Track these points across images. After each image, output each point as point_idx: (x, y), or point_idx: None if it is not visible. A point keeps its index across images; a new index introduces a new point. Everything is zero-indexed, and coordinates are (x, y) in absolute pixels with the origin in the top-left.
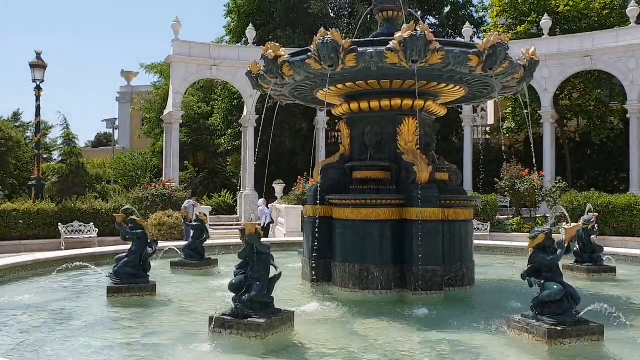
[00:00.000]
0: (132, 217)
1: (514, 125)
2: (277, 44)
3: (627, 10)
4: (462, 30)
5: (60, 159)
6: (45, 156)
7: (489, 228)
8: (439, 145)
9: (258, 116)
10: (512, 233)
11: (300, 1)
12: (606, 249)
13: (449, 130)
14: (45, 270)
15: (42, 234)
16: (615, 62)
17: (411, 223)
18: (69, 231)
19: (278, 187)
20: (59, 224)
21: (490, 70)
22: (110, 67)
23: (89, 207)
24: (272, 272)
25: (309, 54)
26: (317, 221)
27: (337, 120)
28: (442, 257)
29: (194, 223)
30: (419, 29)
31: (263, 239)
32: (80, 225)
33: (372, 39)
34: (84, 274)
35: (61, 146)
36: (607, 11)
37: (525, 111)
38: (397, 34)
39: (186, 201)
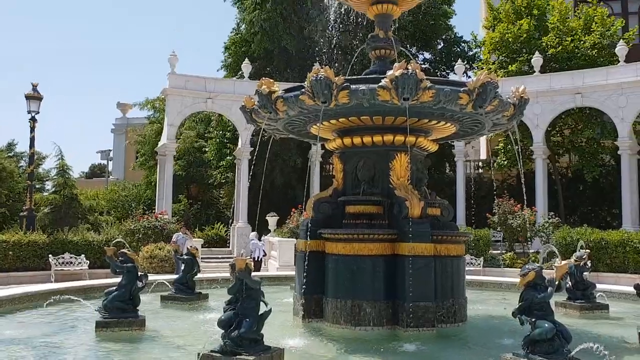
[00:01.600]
0: (123, 250)
1: (506, 161)
2: (271, 80)
3: (616, 49)
4: (455, 66)
5: (53, 189)
6: (38, 186)
7: (482, 263)
8: (432, 179)
9: (252, 149)
10: (505, 268)
11: (295, 37)
12: (599, 286)
13: (442, 164)
14: (33, 304)
15: (32, 265)
16: (605, 99)
17: (403, 258)
18: (59, 263)
19: (271, 220)
20: (50, 255)
21: (480, 108)
22: (106, 99)
23: (80, 238)
24: (263, 308)
25: (303, 90)
26: (309, 256)
27: (331, 154)
28: (434, 293)
29: (184, 256)
30: (410, 67)
31: (255, 273)
32: (71, 257)
33: (364, 76)
34: (73, 308)
35: (55, 177)
36: (595, 51)
37: (516, 147)
38: (389, 72)
39: (175, 234)
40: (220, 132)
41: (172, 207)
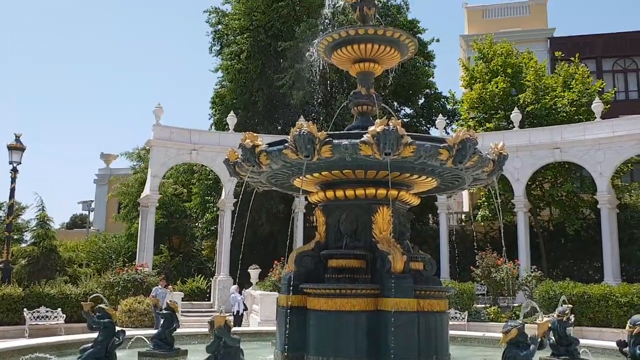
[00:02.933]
0: (101, 305)
1: (488, 214)
2: (255, 134)
3: (593, 106)
4: (436, 121)
5: (32, 241)
6: (16, 237)
7: (466, 317)
8: (415, 231)
9: (236, 200)
10: (490, 322)
11: (281, 93)
12: (583, 341)
13: (426, 217)
14: None
15: (6, 319)
16: (583, 154)
17: (386, 314)
18: (34, 317)
19: (253, 273)
20: (25, 309)
21: (460, 163)
22: (90, 149)
23: (57, 291)
24: None
25: (286, 144)
26: (291, 311)
27: (314, 206)
28: (417, 350)
29: (164, 311)
30: (391, 123)
31: (235, 328)
32: (47, 311)
33: (347, 131)
34: None
35: (35, 228)
36: (574, 108)
37: (498, 201)
38: (371, 128)
39: (155, 288)
40: (204, 183)
41: (153, 259)
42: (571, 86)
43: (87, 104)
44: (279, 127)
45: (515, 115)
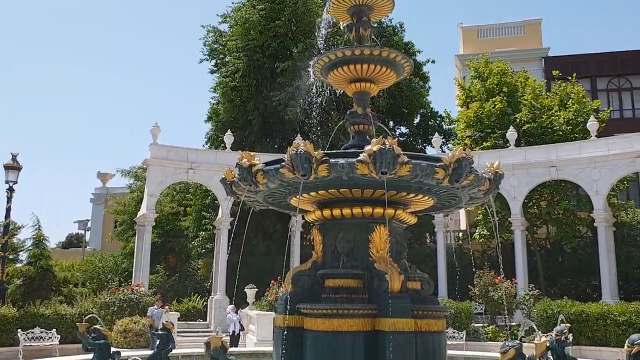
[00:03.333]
0: (96, 326)
1: (486, 232)
2: (252, 153)
3: (588, 124)
4: (432, 139)
5: (28, 261)
6: (11, 257)
7: (464, 337)
8: (413, 250)
9: (232, 218)
10: (488, 342)
11: (277, 111)
12: None
13: (423, 235)
14: None
15: (0, 341)
16: (579, 172)
17: (384, 334)
18: (28, 338)
19: (250, 292)
20: (19, 330)
21: (456, 182)
22: (87, 168)
23: (52, 312)
24: None
25: (283, 163)
26: (288, 332)
27: (311, 225)
28: None
29: (159, 331)
30: (387, 142)
31: (232, 349)
32: (42, 332)
33: (343, 150)
34: None
35: (30, 248)
36: (570, 127)
37: (495, 219)
38: (367, 147)
39: (150, 308)
40: (200, 202)
41: (150, 278)
42: (567, 105)
43: (84, 122)
44: (276, 146)
45: (511, 134)
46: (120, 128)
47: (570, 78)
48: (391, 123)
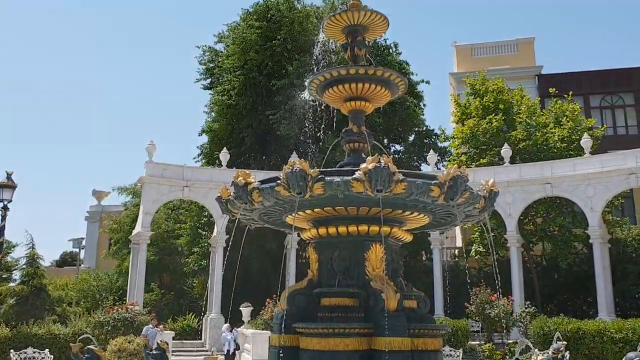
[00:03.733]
0: (89, 346)
1: (482, 249)
2: (247, 171)
3: (581, 141)
4: (427, 157)
5: (21, 280)
6: (5, 276)
7: (461, 355)
8: (409, 267)
9: (228, 236)
10: None
11: (273, 129)
12: None
13: (419, 252)
14: None
15: None
16: (574, 189)
17: (380, 354)
18: (21, 358)
19: (245, 311)
20: (12, 350)
21: (451, 200)
22: (81, 186)
23: (45, 331)
24: None
25: (278, 181)
26: (283, 352)
27: (307, 242)
28: None
29: (154, 351)
30: (382, 160)
31: None
32: (35, 352)
33: (339, 168)
34: None
35: (24, 266)
36: (565, 144)
37: (491, 234)
38: (363, 165)
39: (145, 327)
40: (195, 219)
41: (144, 296)
42: (562, 123)
43: (80, 140)
44: (272, 162)
45: (506, 151)
46: (115, 145)
47: (566, 95)
48: (386, 141)
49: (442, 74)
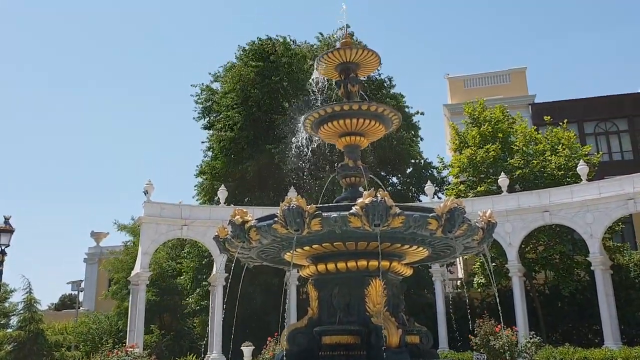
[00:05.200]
0: None
1: (484, 280)
2: (244, 209)
3: (578, 168)
4: (425, 187)
5: (18, 325)
6: (2, 322)
7: None
8: (411, 300)
9: (227, 274)
10: None
11: (272, 164)
12: None
13: (421, 286)
14: None
15: None
16: (573, 216)
17: None
18: None
19: (246, 350)
20: None
21: (449, 232)
22: (79, 228)
23: None
24: None
25: (275, 219)
26: None
27: (307, 279)
28: None
29: None
30: (379, 195)
31: None
32: None
33: (336, 204)
34: None
35: (21, 312)
36: (562, 172)
37: (490, 267)
38: (359, 200)
39: None
40: (195, 259)
41: (144, 338)
42: (557, 150)
43: (77, 182)
44: (272, 193)
45: (503, 180)
46: (113, 186)
47: (561, 123)
48: (383, 173)
49: (436, 106)
